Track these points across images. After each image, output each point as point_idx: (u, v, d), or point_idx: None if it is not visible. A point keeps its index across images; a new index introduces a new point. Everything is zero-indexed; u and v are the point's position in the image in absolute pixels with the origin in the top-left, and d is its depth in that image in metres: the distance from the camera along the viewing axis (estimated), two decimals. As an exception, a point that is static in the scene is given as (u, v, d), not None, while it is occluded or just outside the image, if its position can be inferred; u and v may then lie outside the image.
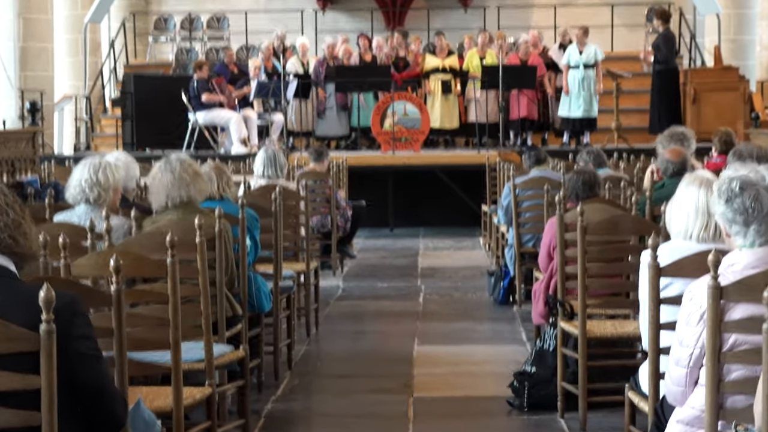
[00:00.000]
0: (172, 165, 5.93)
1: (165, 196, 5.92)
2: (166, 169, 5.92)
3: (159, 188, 5.93)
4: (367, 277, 11.82)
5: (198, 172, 6.01)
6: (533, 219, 9.76)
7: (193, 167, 5.99)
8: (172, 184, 5.89)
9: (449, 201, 16.53)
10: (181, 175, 5.89)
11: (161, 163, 6.01)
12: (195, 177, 5.95)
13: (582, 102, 17.11)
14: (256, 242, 6.75)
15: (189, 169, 5.93)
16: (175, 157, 6.01)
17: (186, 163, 5.96)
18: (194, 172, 5.96)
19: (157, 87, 18.08)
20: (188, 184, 5.90)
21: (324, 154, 12.07)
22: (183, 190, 5.90)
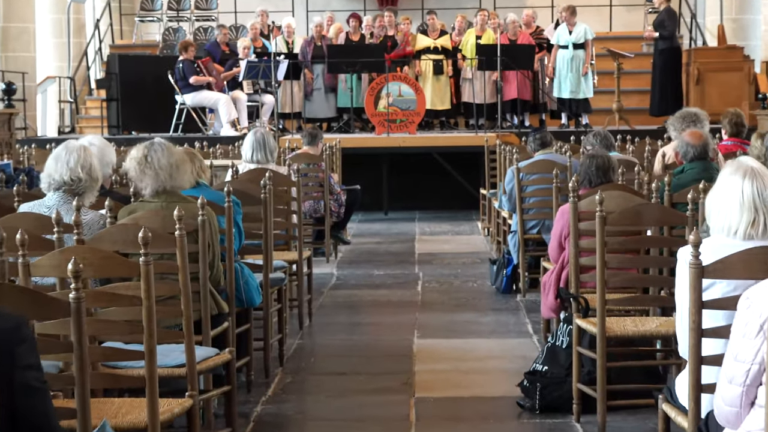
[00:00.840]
0: (152, 152, 5.41)
1: (144, 185, 5.41)
2: (147, 156, 5.41)
3: (137, 176, 5.42)
4: (362, 264, 11.32)
5: (182, 159, 5.49)
6: (538, 204, 9.27)
7: (176, 154, 5.47)
8: (153, 174, 5.38)
9: (445, 184, 16.05)
10: (161, 162, 5.38)
11: (141, 148, 5.48)
12: (179, 164, 5.44)
13: (570, 83, 16.57)
14: (240, 230, 6.24)
15: (171, 157, 5.42)
16: (157, 141, 5.48)
17: (168, 150, 5.45)
18: (178, 160, 5.45)
19: (143, 68, 17.50)
20: (170, 173, 5.39)
21: (318, 136, 11.54)
22: (164, 180, 5.39)
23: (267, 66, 16.12)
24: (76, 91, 19.27)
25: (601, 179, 6.74)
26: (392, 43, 17.25)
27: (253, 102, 17.00)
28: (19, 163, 11.04)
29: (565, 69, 16.53)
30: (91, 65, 20.18)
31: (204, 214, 5.33)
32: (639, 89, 18.92)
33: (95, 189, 5.47)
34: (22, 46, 17.29)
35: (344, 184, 13.04)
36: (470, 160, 15.71)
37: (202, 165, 6.28)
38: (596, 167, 6.74)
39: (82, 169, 5.38)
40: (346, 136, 15.60)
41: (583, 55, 16.55)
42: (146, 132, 17.14)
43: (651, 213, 5.54)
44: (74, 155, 5.39)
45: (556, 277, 6.72)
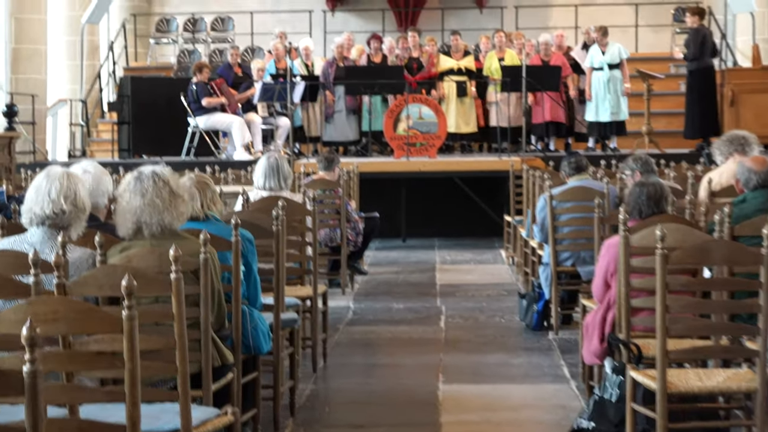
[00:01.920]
0: (143, 183, 4.78)
1: (133, 224, 4.78)
2: (136, 189, 4.78)
3: (126, 213, 4.78)
4: (380, 296, 10.68)
5: (176, 191, 4.83)
6: (573, 235, 8.61)
7: (170, 185, 4.82)
8: (142, 209, 4.74)
9: (466, 210, 15.41)
10: (154, 198, 4.74)
11: (130, 179, 4.85)
12: (173, 198, 4.79)
13: (609, 105, 15.92)
14: (251, 270, 5.59)
15: (165, 189, 4.78)
16: (147, 172, 4.84)
17: (161, 181, 4.80)
18: (171, 192, 4.80)
19: (156, 90, 16.92)
20: (164, 208, 4.75)
21: (335, 161, 10.92)
22: (157, 216, 4.75)
23: (283, 88, 15.53)
24: (88, 114, 18.73)
25: (653, 210, 6.07)
26: (418, 65, 16.65)
27: (267, 125, 16.41)
28: (19, 189, 10.44)
29: (602, 91, 15.90)
30: (105, 88, 19.67)
31: (206, 252, 4.70)
32: (667, 111, 18.30)
33: (82, 220, 4.84)
34: (34, 68, 16.75)
35: (361, 210, 12.43)
36: (493, 185, 15.09)
37: (213, 196, 5.64)
38: (647, 196, 6.07)
39: (66, 200, 4.75)
40: (364, 161, 14.98)
41: (620, 75, 15.94)
42: (157, 155, 16.57)
43: (719, 250, 4.88)
44: (56, 184, 4.76)
45: (601, 319, 6.06)
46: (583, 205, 8.60)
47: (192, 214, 5.47)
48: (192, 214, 5.46)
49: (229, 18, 21.15)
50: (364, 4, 21.72)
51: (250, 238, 5.60)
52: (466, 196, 14.97)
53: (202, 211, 5.51)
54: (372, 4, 21.53)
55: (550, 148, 16.46)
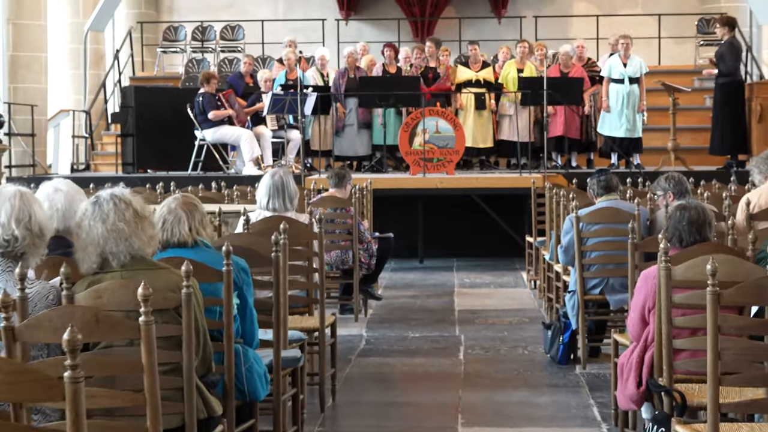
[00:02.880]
0: (102, 208, 4.12)
1: (97, 256, 4.12)
2: (95, 215, 4.12)
3: (87, 245, 4.12)
4: (395, 323, 9.99)
5: (141, 212, 4.17)
6: (601, 260, 7.93)
7: (134, 206, 4.16)
8: (105, 237, 4.09)
9: (485, 230, 14.75)
10: (117, 223, 4.09)
11: (87, 205, 4.19)
12: (138, 221, 4.13)
13: (625, 120, 15.20)
14: (246, 304, 4.93)
15: (128, 211, 4.12)
16: (106, 195, 4.17)
17: (123, 203, 4.14)
18: (136, 214, 4.14)
19: (162, 101, 16.26)
20: (130, 233, 4.09)
21: (346, 177, 10.25)
22: (123, 243, 4.09)
23: (293, 99, 14.87)
24: (92, 125, 18.12)
25: (695, 237, 5.40)
26: (434, 75, 15.96)
27: (278, 138, 15.76)
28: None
29: (620, 105, 15.19)
30: (110, 98, 19.04)
31: (189, 286, 4.04)
32: (691, 126, 17.63)
33: (40, 247, 4.18)
34: (33, 76, 16.14)
35: (375, 230, 11.77)
36: (513, 203, 14.41)
37: (203, 218, 4.96)
38: (689, 222, 5.40)
39: (18, 224, 4.10)
40: (378, 177, 14.31)
41: (638, 91, 15.23)
42: (163, 170, 15.98)
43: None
44: (6, 206, 4.11)
45: (638, 360, 5.38)
46: (612, 228, 7.93)
47: (179, 239, 4.82)
48: (179, 239, 4.81)
49: (239, 26, 20.53)
50: (379, 13, 21.10)
51: (244, 267, 4.93)
52: (486, 214, 14.29)
53: (190, 236, 4.85)
54: (387, 13, 20.91)
55: (572, 164, 15.76)
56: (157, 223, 4.83)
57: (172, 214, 4.84)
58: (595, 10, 20.87)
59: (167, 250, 4.86)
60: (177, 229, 4.81)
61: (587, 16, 20.58)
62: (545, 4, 21.26)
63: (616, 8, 21.02)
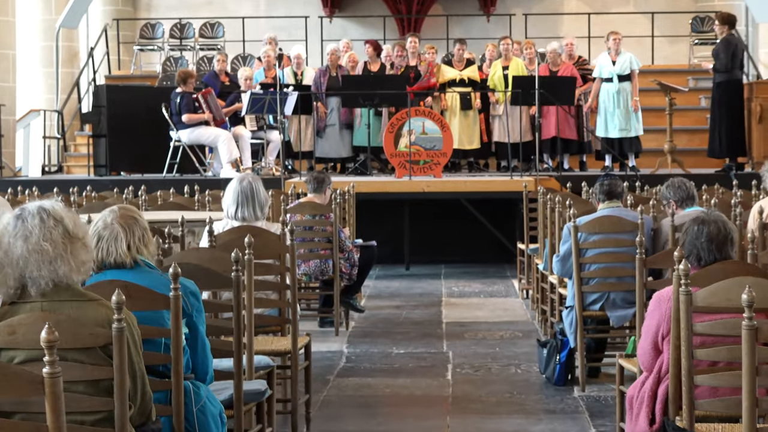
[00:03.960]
0: (26, 224, 3.43)
1: (15, 281, 3.42)
2: (17, 232, 3.43)
3: (5, 266, 3.42)
4: (378, 337, 9.31)
5: (73, 232, 3.47)
6: (601, 273, 7.26)
7: (65, 224, 3.46)
8: (26, 258, 3.40)
9: (475, 235, 14.09)
10: (41, 243, 3.40)
11: (9, 219, 3.48)
12: (68, 242, 3.44)
13: (618, 120, 14.56)
14: (197, 334, 4.24)
15: (57, 230, 3.43)
16: (32, 209, 3.47)
17: (52, 219, 3.44)
18: (67, 234, 3.44)
19: (136, 100, 15.53)
20: (56, 256, 3.41)
21: (325, 182, 9.57)
22: (47, 267, 3.40)
23: (273, 99, 14.18)
24: (64, 126, 17.40)
25: (715, 256, 4.72)
26: (415, 74, 15.28)
27: (257, 139, 15.06)
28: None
29: (611, 105, 14.56)
30: (84, 97, 18.30)
31: (122, 319, 3.36)
32: (686, 128, 17.00)
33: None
34: (0, 74, 15.40)
35: (359, 236, 11.12)
36: (503, 208, 13.75)
37: (145, 234, 4.26)
38: (708, 238, 4.72)
39: None
40: (362, 180, 13.62)
41: (630, 88, 14.60)
42: (138, 173, 15.29)
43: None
44: None
45: (651, 393, 4.73)
46: (613, 238, 7.27)
47: (116, 259, 4.13)
48: (116, 258, 4.13)
49: (218, 24, 19.82)
50: (364, 11, 20.42)
51: (193, 290, 4.24)
52: (475, 219, 13.61)
53: (129, 255, 4.14)
54: (372, 11, 20.23)
55: (564, 167, 15.08)
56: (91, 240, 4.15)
57: (108, 230, 4.15)
58: (586, 8, 20.25)
59: (104, 272, 4.17)
60: (114, 248, 4.12)
61: (578, 14, 19.95)
62: (535, 1, 20.63)
63: (608, 6, 20.39)
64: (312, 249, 9.30)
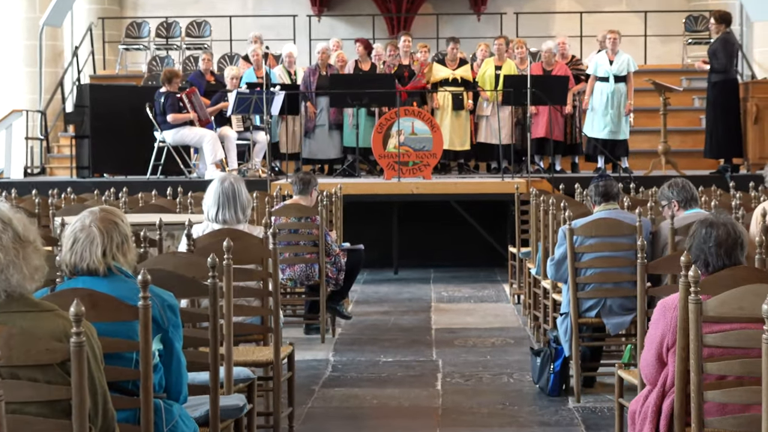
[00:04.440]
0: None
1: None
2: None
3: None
4: (365, 344, 9.01)
5: (25, 236, 3.18)
6: (598, 278, 6.98)
7: (14, 227, 3.16)
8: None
9: (465, 238, 13.81)
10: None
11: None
12: (20, 247, 3.15)
13: (609, 121, 14.29)
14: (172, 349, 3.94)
15: (6, 233, 3.13)
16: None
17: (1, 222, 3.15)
18: (17, 238, 3.15)
19: (119, 100, 15.19)
20: (7, 263, 3.11)
21: (311, 183, 9.28)
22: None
23: (260, 99, 13.88)
24: (48, 126, 17.07)
25: (724, 261, 4.44)
26: (409, 73, 15.00)
27: (243, 140, 14.76)
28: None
29: (603, 105, 14.30)
30: (68, 97, 17.97)
31: (81, 333, 3.07)
32: (680, 128, 16.74)
33: None
34: (-22, 73, 15.10)
35: (346, 240, 10.82)
36: (494, 210, 13.47)
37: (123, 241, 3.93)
38: (717, 242, 4.43)
39: None
40: (350, 181, 13.33)
41: (625, 90, 14.34)
42: (121, 174, 14.97)
43: None
44: None
45: (655, 408, 4.44)
46: (610, 242, 6.99)
47: (89, 265, 3.83)
48: (89, 264, 3.83)
49: (205, 22, 19.52)
50: (353, 10, 20.14)
51: (171, 303, 3.94)
52: (465, 222, 13.31)
53: (103, 262, 3.84)
54: (361, 10, 19.95)
55: (555, 168, 14.80)
56: (67, 241, 3.86)
57: (85, 232, 3.85)
58: (578, 6, 20.00)
59: (76, 278, 3.87)
60: (88, 252, 3.82)
61: (570, 13, 19.70)
62: (526, 0, 20.35)
63: (600, 5, 20.12)
64: (297, 253, 9.01)
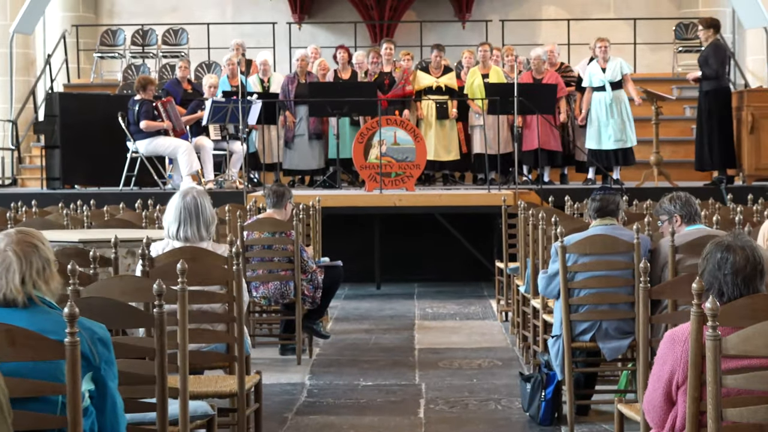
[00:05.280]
0: None
1: None
2: None
3: None
4: (344, 367, 8.48)
5: None
6: (593, 299, 6.47)
7: None
8: None
9: (449, 251, 13.30)
10: None
11: None
12: None
13: (613, 130, 13.78)
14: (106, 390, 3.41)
15: None
16: None
17: None
18: None
19: (91, 108, 14.61)
20: None
21: (285, 196, 8.75)
22: None
23: (236, 107, 13.36)
24: (19, 136, 16.51)
25: (741, 291, 3.90)
26: (390, 81, 14.49)
27: (220, 150, 14.22)
28: None
29: (604, 115, 13.78)
30: (40, 107, 17.40)
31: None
32: (671, 138, 16.26)
33: None
34: (-55, 82, 14.53)
35: (325, 254, 10.32)
36: (480, 223, 12.96)
37: (45, 267, 3.40)
38: (733, 270, 3.88)
39: None
40: (329, 193, 12.80)
41: (625, 96, 13.84)
42: (93, 186, 14.41)
43: None
44: None
45: (661, 453, 3.93)
46: (606, 261, 6.48)
47: (6, 295, 3.30)
48: (6, 294, 3.30)
49: (182, 30, 18.98)
50: (335, 17, 19.61)
51: (102, 336, 3.40)
52: (449, 235, 12.79)
53: (22, 292, 3.31)
54: (343, 17, 19.42)
55: (544, 179, 14.28)
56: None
57: (0, 257, 3.33)
58: (565, 14, 19.52)
59: (-7, 310, 3.34)
60: (4, 281, 3.29)
61: (557, 20, 19.22)
62: (512, 7, 19.88)
63: (588, 12, 19.64)
64: (271, 270, 8.49)
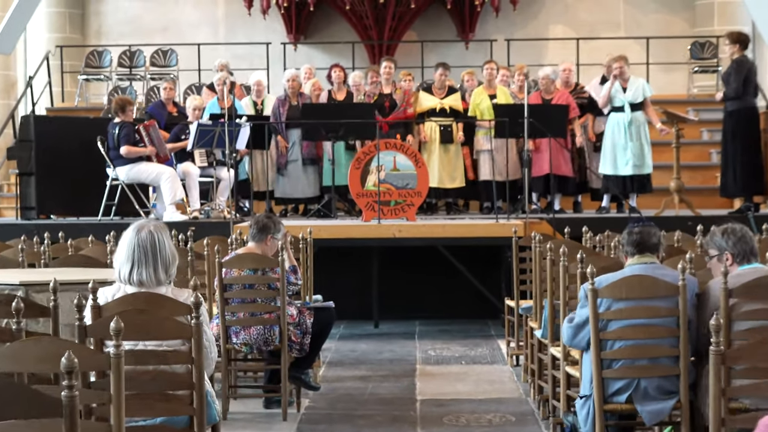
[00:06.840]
0: None
1: None
2: None
3: None
4: (336, 423, 7.43)
5: None
6: (630, 353, 5.43)
7: None
8: None
9: (454, 287, 12.32)
10: None
11: None
12: None
13: (631, 155, 12.68)
14: None
15: None
16: None
17: None
18: None
19: (69, 133, 13.52)
20: None
21: (269, 229, 7.72)
22: None
23: (223, 131, 12.36)
24: (-3, 163, 15.55)
25: None
26: (391, 103, 13.50)
27: (207, 177, 13.21)
28: None
29: (622, 137, 12.67)
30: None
31: None
32: (689, 164, 15.24)
33: None
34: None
35: (318, 291, 9.31)
36: (487, 255, 11.96)
37: None
38: None
39: None
40: (323, 224, 11.79)
41: (644, 119, 12.79)
42: (71, 216, 13.39)
43: None
44: None
45: None
46: (645, 306, 5.45)
47: None
48: None
49: (171, 51, 18.03)
50: (332, 37, 18.68)
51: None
52: (453, 269, 11.75)
53: None
54: (341, 37, 18.50)
55: (554, 208, 13.22)
56: None
57: None
58: (573, 33, 18.62)
59: None
60: None
61: (565, 39, 18.29)
62: (518, 26, 18.95)
63: (597, 31, 18.71)
64: (253, 312, 7.46)
